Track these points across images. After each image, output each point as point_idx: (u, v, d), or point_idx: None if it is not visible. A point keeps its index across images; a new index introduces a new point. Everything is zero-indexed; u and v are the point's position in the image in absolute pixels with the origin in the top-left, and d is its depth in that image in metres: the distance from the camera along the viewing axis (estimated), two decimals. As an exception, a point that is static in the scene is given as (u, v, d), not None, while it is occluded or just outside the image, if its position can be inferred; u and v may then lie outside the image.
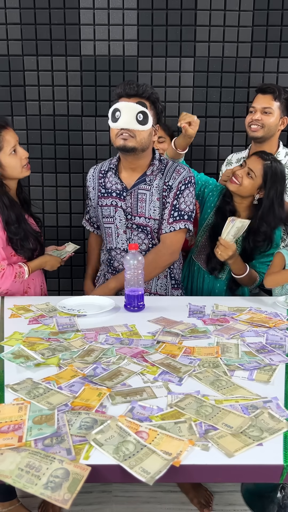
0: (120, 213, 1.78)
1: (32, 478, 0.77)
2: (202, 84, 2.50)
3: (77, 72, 2.46)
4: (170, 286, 1.88)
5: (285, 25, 2.43)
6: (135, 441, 0.86)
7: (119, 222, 1.78)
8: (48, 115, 2.51)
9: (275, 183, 1.77)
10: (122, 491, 1.87)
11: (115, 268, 1.85)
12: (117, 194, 1.78)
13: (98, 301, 1.64)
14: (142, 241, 1.79)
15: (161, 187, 1.76)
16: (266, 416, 0.96)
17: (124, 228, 1.78)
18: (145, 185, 1.76)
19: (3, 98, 2.48)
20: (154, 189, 1.76)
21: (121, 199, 1.77)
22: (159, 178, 1.77)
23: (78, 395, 1.02)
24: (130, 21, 2.41)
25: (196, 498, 1.82)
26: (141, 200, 1.76)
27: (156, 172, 1.77)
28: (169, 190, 1.76)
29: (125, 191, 1.76)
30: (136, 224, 1.78)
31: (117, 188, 1.78)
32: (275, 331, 1.43)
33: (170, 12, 2.41)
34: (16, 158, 1.65)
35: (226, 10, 2.41)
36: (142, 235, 1.78)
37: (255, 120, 2.03)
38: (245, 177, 1.77)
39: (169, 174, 1.77)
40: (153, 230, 1.78)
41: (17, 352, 1.24)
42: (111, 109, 1.67)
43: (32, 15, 2.39)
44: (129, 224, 1.78)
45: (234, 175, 1.80)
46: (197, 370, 1.16)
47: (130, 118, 1.62)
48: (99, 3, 2.39)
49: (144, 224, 1.77)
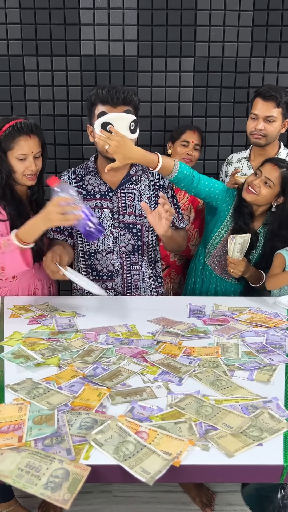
0: (106, 214, 1.75)
1: (32, 478, 0.77)
2: (202, 84, 2.50)
3: (77, 72, 2.46)
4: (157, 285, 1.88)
5: (285, 25, 2.43)
6: (135, 441, 0.86)
7: (106, 223, 1.75)
8: (48, 115, 2.51)
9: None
10: (122, 491, 1.87)
11: (99, 272, 1.78)
12: (101, 196, 1.75)
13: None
14: (129, 241, 1.77)
15: (152, 186, 1.77)
16: (266, 416, 0.96)
17: (111, 228, 1.75)
18: (132, 185, 1.76)
19: (3, 98, 2.48)
20: (142, 189, 1.76)
21: (106, 199, 1.74)
22: (145, 178, 1.77)
23: (78, 395, 1.02)
24: (130, 21, 2.41)
25: (199, 497, 1.82)
26: (129, 199, 1.75)
27: (140, 173, 1.77)
28: (162, 189, 1.79)
29: (111, 191, 1.75)
30: (124, 223, 1.75)
31: (100, 190, 1.75)
32: (275, 331, 1.43)
33: (170, 12, 2.41)
34: (21, 165, 1.63)
35: (226, 10, 2.41)
36: (129, 235, 1.76)
37: (258, 130, 2.00)
38: (263, 186, 1.75)
39: (156, 174, 1.78)
40: (145, 228, 1.77)
41: (17, 352, 1.24)
42: (98, 120, 1.58)
43: (32, 15, 2.39)
44: (116, 223, 1.75)
45: (251, 185, 1.76)
46: (197, 370, 1.16)
47: (123, 129, 1.57)
48: (99, 3, 2.39)
49: (134, 222, 1.76)
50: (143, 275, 1.82)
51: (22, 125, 1.60)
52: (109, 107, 1.58)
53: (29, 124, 1.62)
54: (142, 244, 1.79)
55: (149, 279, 1.84)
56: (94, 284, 1.57)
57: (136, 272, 1.80)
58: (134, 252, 1.78)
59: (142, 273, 1.81)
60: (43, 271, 1.78)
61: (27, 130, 1.61)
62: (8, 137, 1.60)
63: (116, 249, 1.76)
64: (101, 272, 1.79)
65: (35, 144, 1.63)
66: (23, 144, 1.60)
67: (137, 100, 1.64)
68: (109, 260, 1.77)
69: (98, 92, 1.59)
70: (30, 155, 1.62)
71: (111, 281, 1.78)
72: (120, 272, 1.77)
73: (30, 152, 1.62)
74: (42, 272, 1.78)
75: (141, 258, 1.80)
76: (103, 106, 1.59)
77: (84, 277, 1.67)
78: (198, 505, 1.81)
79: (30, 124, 1.63)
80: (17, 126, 1.60)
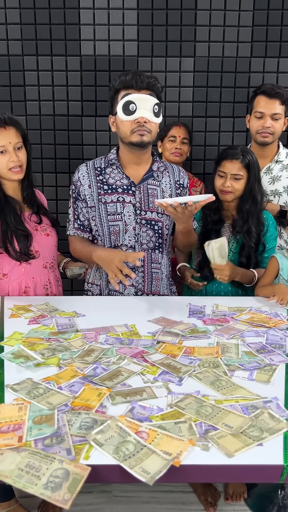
0: (129, 208, 1.71)
1: (32, 478, 0.77)
2: (202, 84, 2.50)
3: (77, 72, 2.46)
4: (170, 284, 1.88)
5: (285, 25, 2.44)
6: (135, 441, 0.86)
7: (128, 218, 1.71)
8: (48, 115, 2.51)
9: (254, 167, 1.81)
10: (122, 491, 1.87)
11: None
12: (123, 190, 1.71)
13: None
14: (150, 238, 1.74)
15: (173, 185, 1.76)
16: (266, 416, 0.96)
17: (134, 223, 1.71)
18: (154, 181, 1.74)
19: (3, 98, 2.48)
20: (164, 186, 1.75)
21: (129, 194, 1.71)
22: (166, 175, 1.76)
23: (78, 395, 1.02)
24: (130, 21, 2.41)
25: (204, 495, 1.82)
26: (152, 195, 1.73)
27: (161, 169, 1.75)
28: (182, 188, 1.78)
29: (133, 186, 1.71)
30: (146, 219, 1.73)
31: (123, 184, 1.71)
32: (275, 331, 1.43)
33: (170, 12, 2.41)
34: (3, 159, 1.64)
35: (226, 10, 2.41)
36: (151, 232, 1.74)
37: (265, 128, 2.00)
38: (234, 182, 1.80)
39: (176, 173, 1.78)
40: (165, 226, 1.75)
41: (17, 352, 1.24)
42: (121, 102, 1.58)
43: (32, 15, 2.39)
44: (138, 219, 1.72)
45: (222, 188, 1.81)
46: (197, 370, 1.16)
47: (147, 110, 1.57)
48: (99, 3, 2.39)
49: (156, 219, 1.73)
50: (161, 273, 1.80)
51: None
52: (133, 90, 1.58)
53: (2, 116, 1.65)
54: (162, 242, 1.77)
55: (166, 277, 1.84)
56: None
57: (156, 270, 1.78)
58: (155, 249, 1.76)
59: (161, 271, 1.80)
60: (37, 269, 1.77)
61: (0, 122, 1.63)
62: None
63: (137, 246, 1.73)
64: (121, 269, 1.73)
65: (11, 135, 1.65)
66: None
67: (160, 86, 1.63)
68: None
69: (122, 78, 1.59)
70: (8, 146, 1.64)
71: (131, 278, 1.74)
72: (141, 269, 1.75)
73: (8, 143, 1.64)
74: (36, 270, 1.77)
75: (161, 256, 1.79)
76: (127, 90, 1.59)
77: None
78: (202, 503, 1.81)
79: (3, 116, 1.66)
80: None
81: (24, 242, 1.69)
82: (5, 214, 1.68)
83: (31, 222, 1.77)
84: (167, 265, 1.84)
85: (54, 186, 2.61)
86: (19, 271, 1.73)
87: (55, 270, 1.87)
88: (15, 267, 1.72)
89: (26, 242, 1.69)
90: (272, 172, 2.12)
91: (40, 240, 1.77)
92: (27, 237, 1.70)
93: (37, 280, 1.78)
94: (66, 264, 2.03)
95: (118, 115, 1.61)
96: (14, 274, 1.73)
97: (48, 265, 1.81)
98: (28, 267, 1.74)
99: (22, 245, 1.68)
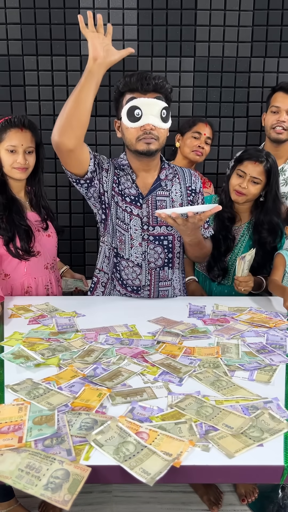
0: (135, 222, 1.60)
1: (32, 479, 0.77)
2: (202, 84, 2.50)
3: (77, 72, 2.46)
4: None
5: (285, 25, 2.43)
6: (136, 442, 0.86)
7: (135, 232, 1.60)
8: (48, 115, 2.51)
9: (275, 175, 1.79)
10: (122, 491, 1.87)
11: (124, 280, 1.67)
12: (131, 200, 1.60)
13: None
14: (159, 255, 1.63)
15: (184, 192, 1.65)
16: (266, 417, 0.96)
17: (140, 240, 1.61)
18: (163, 191, 1.62)
19: (3, 98, 2.48)
20: (174, 195, 1.63)
21: (137, 207, 1.60)
22: (176, 182, 1.64)
23: (78, 396, 1.02)
24: (130, 21, 2.41)
25: (206, 495, 1.82)
26: (160, 207, 1.61)
27: (170, 177, 1.64)
28: (195, 194, 1.67)
29: (141, 198, 1.60)
30: (154, 235, 1.62)
31: (131, 193, 1.60)
32: (275, 331, 1.43)
33: (170, 12, 2.41)
34: (10, 158, 1.67)
35: (226, 10, 2.41)
36: (159, 248, 1.63)
37: (280, 122, 1.98)
38: (250, 185, 1.77)
39: (187, 178, 1.67)
40: (176, 239, 1.65)
41: (17, 352, 1.24)
42: (125, 106, 1.48)
43: (32, 15, 2.39)
44: (146, 236, 1.61)
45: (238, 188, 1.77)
46: (197, 371, 1.16)
47: (154, 116, 1.46)
48: (99, 3, 2.38)
49: (165, 233, 1.63)
50: (173, 289, 1.72)
51: (15, 119, 1.66)
52: (138, 94, 1.47)
53: (22, 118, 1.67)
54: (173, 256, 1.66)
55: (180, 291, 1.75)
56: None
57: (164, 288, 1.69)
58: (164, 267, 1.66)
59: (173, 287, 1.71)
60: (38, 269, 1.78)
61: (19, 123, 1.66)
62: (1, 130, 1.66)
63: (144, 264, 1.64)
64: (126, 282, 1.67)
65: (26, 138, 1.66)
66: (13, 135, 1.65)
67: (169, 87, 1.51)
68: (136, 274, 1.65)
69: (127, 80, 1.48)
70: (19, 147, 1.66)
71: (136, 295, 1.69)
72: (147, 288, 1.67)
73: (20, 145, 1.65)
74: (38, 270, 1.78)
75: (171, 271, 1.69)
76: (132, 93, 1.48)
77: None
78: (205, 503, 1.81)
79: (24, 118, 1.68)
80: (10, 120, 1.66)
81: (25, 238, 1.70)
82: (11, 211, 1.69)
83: (34, 223, 1.77)
84: (180, 280, 1.75)
85: (54, 186, 2.61)
86: (21, 271, 1.74)
87: (55, 270, 1.89)
88: (17, 268, 1.73)
89: (28, 239, 1.71)
90: (285, 173, 2.08)
91: (42, 240, 1.78)
92: (28, 234, 1.71)
93: (39, 280, 1.79)
94: (64, 273, 2.04)
95: (123, 121, 1.51)
96: (16, 274, 1.74)
97: (49, 265, 1.82)
98: (30, 267, 1.75)
99: (23, 242, 1.69)
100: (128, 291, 1.69)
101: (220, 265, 1.84)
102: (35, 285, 1.78)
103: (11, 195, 1.73)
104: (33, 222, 1.77)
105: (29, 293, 1.77)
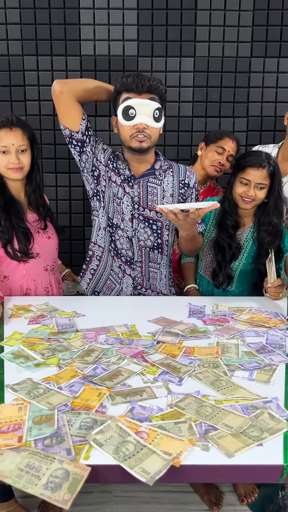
0: (127, 198, 1.70)
1: (32, 479, 0.77)
2: (202, 84, 2.50)
3: (77, 72, 2.46)
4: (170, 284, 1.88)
5: (285, 25, 2.43)
6: (135, 441, 0.86)
7: (126, 207, 1.70)
8: (48, 115, 2.51)
9: (279, 176, 1.78)
10: (122, 491, 1.87)
11: (118, 250, 1.75)
12: (124, 179, 1.70)
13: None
14: (148, 236, 1.73)
15: (176, 184, 1.73)
16: (266, 416, 0.96)
17: (130, 216, 1.71)
18: (155, 179, 1.71)
19: (3, 98, 2.48)
20: (165, 185, 1.71)
21: (129, 186, 1.70)
22: (170, 175, 1.72)
23: (78, 395, 1.02)
24: (130, 21, 2.41)
25: (207, 495, 1.82)
26: (151, 193, 1.71)
27: (164, 168, 1.72)
28: (187, 188, 1.74)
29: (133, 179, 1.70)
30: (144, 216, 1.71)
31: (125, 173, 1.70)
32: (275, 331, 1.43)
33: (170, 12, 2.41)
34: (3, 159, 1.65)
35: (226, 10, 2.41)
36: (149, 230, 1.72)
37: None
38: (257, 191, 1.75)
39: (182, 172, 1.74)
40: (165, 227, 1.74)
41: (17, 352, 1.24)
42: (121, 106, 1.57)
43: (32, 15, 2.39)
44: (136, 214, 1.71)
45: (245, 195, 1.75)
46: (197, 370, 1.16)
47: (147, 116, 1.55)
48: (99, 3, 2.39)
49: (154, 218, 1.72)
50: (160, 274, 1.80)
51: (3, 119, 1.65)
52: (133, 94, 1.56)
53: (10, 117, 1.65)
54: (161, 242, 1.75)
55: (165, 277, 1.83)
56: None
57: (154, 270, 1.78)
58: (153, 249, 1.75)
59: (160, 271, 1.79)
60: (38, 271, 1.77)
61: (7, 123, 1.64)
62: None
63: (134, 241, 1.73)
64: (120, 251, 1.75)
65: (16, 137, 1.64)
66: (3, 136, 1.63)
67: (163, 88, 1.59)
68: (128, 245, 1.74)
69: (123, 80, 1.57)
70: (11, 147, 1.64)
71: (130, 268, 1.76)
72: (139, 264, 1.75)
73: (11, 145, 1.63)
74: (37, 272, 1.77)
75: (160, 256, 1.77)
76: (128, 93, 1.57)
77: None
78: (206, 503, 1.80)
79: (12, 117, 1.66)
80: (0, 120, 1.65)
81: (23, 240, 1.69)
82: (10, 213, 1.68)
83: (33, 224, 1.76)
84: (167, 266, 1.83)
85: (54, 186, 2.61)
86: (20, 273, 1.73)
87: (56, 272, 1.87)
88: (16, 269, 1.72)
89: (26, 241, 1.69)
90: None
91: (41, 242, 1.77)
92: (27, 236, 1.70)
93: (38, 282, 1.78)
94: (65, 276, 2.04)
95: (119, 119, 1.60)
96: (15, 276, 1.73)
97: (49, 267, 1.81)
98: (29, 269, 1.74)
99: (21, 244, 1.68)
100: (123, 262, 1.76)
101: (225, 272, 1.82)
102: (34, 287, 1.77)
103: (10, 197, 1.72)
104: (32, 223, 1.76)
105: (28, 296, 1.76)
